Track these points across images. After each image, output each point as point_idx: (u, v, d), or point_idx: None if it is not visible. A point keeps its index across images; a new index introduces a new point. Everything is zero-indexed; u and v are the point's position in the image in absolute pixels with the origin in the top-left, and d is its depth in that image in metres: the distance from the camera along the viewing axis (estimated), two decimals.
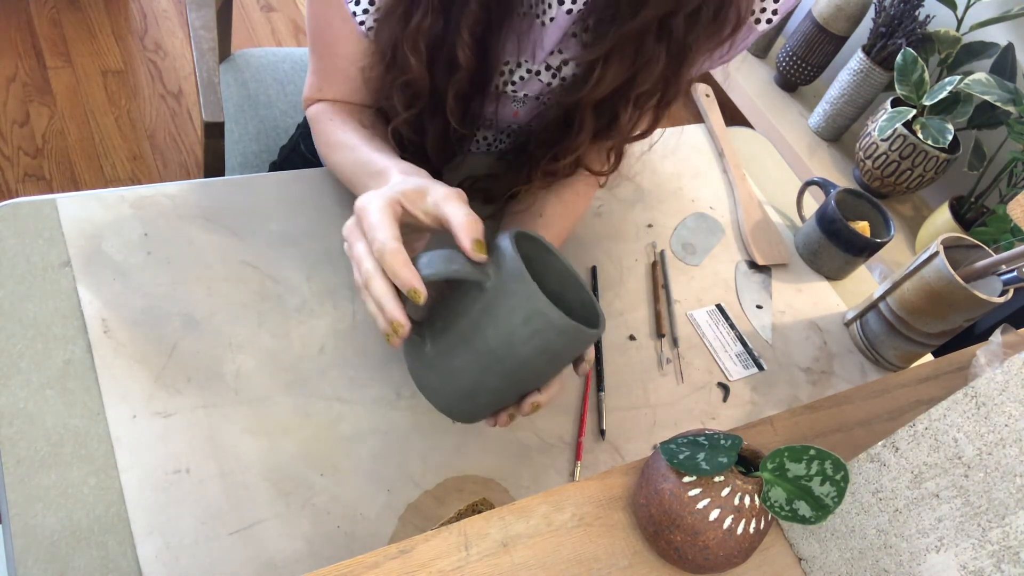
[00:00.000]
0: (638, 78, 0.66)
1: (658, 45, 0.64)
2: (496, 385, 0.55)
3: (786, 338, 0.86)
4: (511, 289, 0.51)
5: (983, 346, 0.70)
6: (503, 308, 0.51)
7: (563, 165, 0.72)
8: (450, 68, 0.66)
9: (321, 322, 0.68)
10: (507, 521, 0.50)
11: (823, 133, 1.86)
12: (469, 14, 0.62)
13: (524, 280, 0.50)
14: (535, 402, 0.58)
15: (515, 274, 0.51)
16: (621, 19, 0.62)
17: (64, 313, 0.62)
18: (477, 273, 0.51)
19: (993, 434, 0.43)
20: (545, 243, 0.59)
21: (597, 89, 0.66)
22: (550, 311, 0.51)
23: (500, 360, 0.53)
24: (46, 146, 1.63)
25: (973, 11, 1.61)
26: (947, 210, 1.59)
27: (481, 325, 0.52)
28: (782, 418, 0.62)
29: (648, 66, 0.65)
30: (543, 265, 0.60)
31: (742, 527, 0.47)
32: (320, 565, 0.55)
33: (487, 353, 0.53)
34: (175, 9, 2.00)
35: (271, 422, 0.62)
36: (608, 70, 0.65)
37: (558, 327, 0.51)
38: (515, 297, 0.51)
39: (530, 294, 0.50)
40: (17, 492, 0.53)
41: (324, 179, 0.78)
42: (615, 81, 0.65)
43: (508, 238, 0.53)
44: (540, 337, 0.52)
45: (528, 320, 0.51)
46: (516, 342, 0.52)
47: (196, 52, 0.96)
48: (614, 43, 0.63)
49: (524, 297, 0.50)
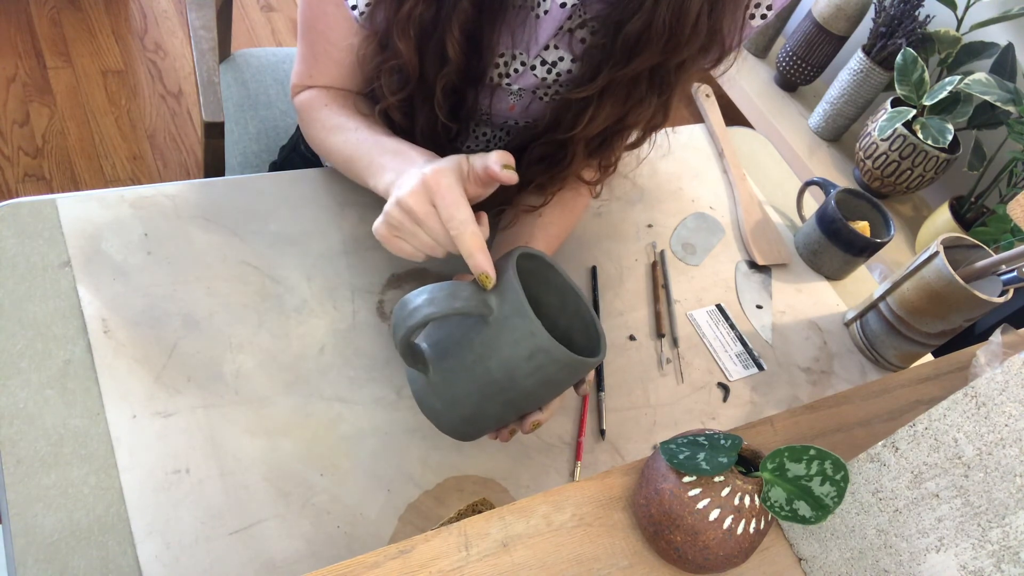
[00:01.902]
0: (629, 117, 0.69)
1: (650, 89, 0.67)
2: (497, 412, 0.56)
3: (786, 338, 0.86)
4: (514, 324, 0.51)
5: (983, 346, 0.70)
6: (506, 342, 0.51)
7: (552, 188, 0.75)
8: (440, 61, 0.66)
9: (321, 322, 0.68)
10: (507, 521, 0.50)
11: (823, 133, 1.86)
12: (460, 11, 0.63)
13: (527, 316, 0.50)
14: (536, 421, 0.59)
15: (518, 309, 0.51)
16: (614, 63, 0.64)
17: (64, 313, 0.62)
18: (481, 307, 0.51)
19: (993, 434, 0.43)
20: (547, 260, 0.60)
21: (590, 127, 0.68)
22: (553, 348, 0.51)
23: (503, 390, 0.54)
24: (46, 146, 1.63)
25: (973, 11, 1.61)
26: (947, 210, 1.59)
27: (484, 357, 0.53)
28: (782, 418, 0.62)
29: (639, 106, 0.68)
30: (543, 281, 0.60)
31: (742, 527, 0.47)
32: (320, 565, 0.55)
33: (490, 384, 0.53)
34: (175, 9, 2.00)
35: (271, 422, 0.62)
36: (601, 110, 0.67)
37: (561, 362, 0.52)
38: (518, 332, 0.51)
39: (533, 330, 0.50)
40: (17, 492, 0.53)
41: (324, 179, 0.78)
42: (608, 120, 0.68)
43: (511, 267, 0.52)
44: (543, 371, 0.52)
45: (531, 356, 0.51)
46: (519, 376, 0.52)
47: (196, 52, 0.96)
48: (606, 84, 0.65)
49: (527, 333, 0.51)
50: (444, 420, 0.57)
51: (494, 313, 0.52)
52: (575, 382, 0.59)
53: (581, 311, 0.59)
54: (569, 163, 0.72)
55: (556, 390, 0.56)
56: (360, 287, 0.72)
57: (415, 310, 0.51)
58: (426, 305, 0.51)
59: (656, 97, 0.68)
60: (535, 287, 0.59)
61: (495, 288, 0.52)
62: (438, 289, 0.52)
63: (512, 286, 0.51)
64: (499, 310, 0.51)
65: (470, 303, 0.51)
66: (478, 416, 0.56)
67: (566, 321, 0.60)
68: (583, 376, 0.59)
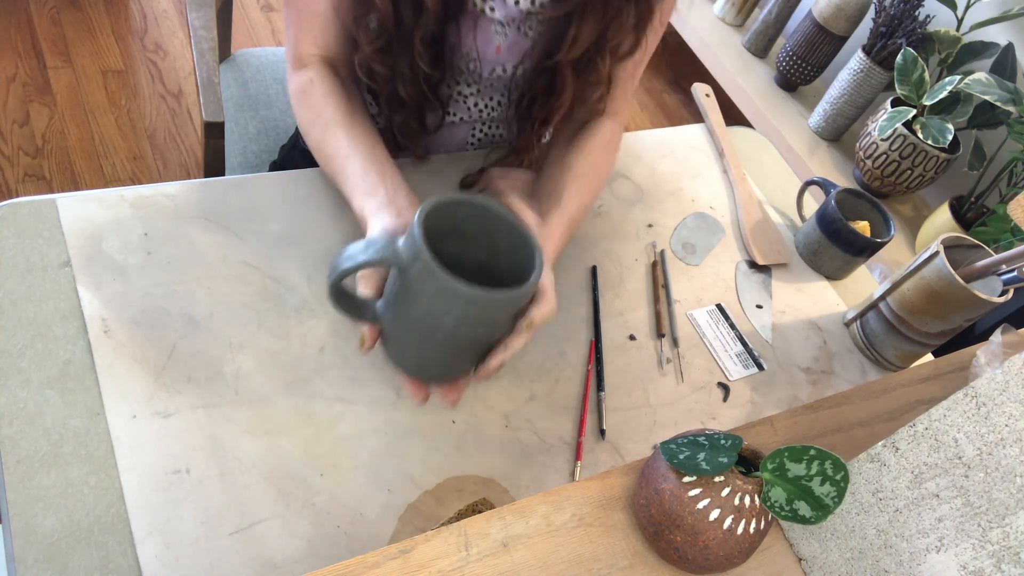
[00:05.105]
0: (609, 33, 0.71)
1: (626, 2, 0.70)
2: (437, 352, 0.57)
3: (786, 338, 0.86)
4: (416, 268, 0.52)
5: (983, 346, 0.70)
6: (415, 287, 0.53)
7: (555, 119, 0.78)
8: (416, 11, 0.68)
9: (321, 322, 0.68)
10: (507, 521, 0.50)
11: (823, 133, 1.86)
12: None
13: (423, 258, 0.51)
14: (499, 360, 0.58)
15: (417, 252, 0.51)
16: None
17: (64, 313, 0.62)
18: (391, 258, 0.53)
19: (993, 434, 0.43)
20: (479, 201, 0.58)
21: (574, 48, 0.71)
22: (451, 285, 0.51)
23: (432, 332, 0.55)
24: (46, 146, 1.63)
25: (973, 11, 1.61)
26: (947, 210, 1.59)
27: (406, 303, 0.55)
28: (782, 418, 0.62)
29: (618, 20, 0.71)
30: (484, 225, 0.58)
31: (742, 527, 0.47)
32: (320, 565, 0.55)
33: (417, 327, 0.55)
34: (175, 9, 2.00)
35: (271, 422, 0.62)
36: (583, 29, 0.70)
37: (467, 297, 0.52)
38: (421, 275, 0.52)
39: (431, 270, 0.51)
40: (17, 492, 0.53)
41: (324, 179, 0.78)
42: (589, 38, 0.71)
43: (418, 215, 0.53)
44: (456, 309, 0.53)
45: (438, 295, 0.52)
46: (436, 316, 0.54)
47: (196, 52, 0.96)
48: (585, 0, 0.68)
49: (427, 274, 0.51)
50: (400, 364, 0.59)
51: (403, 259, 0.53)
52: (510, 316, 0.58)
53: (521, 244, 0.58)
54: (562, 90, 0.74)
55: (488, 326, 0.56)
56: None
57: (334, 267, 0.53)
58: (344, 260, 0.53)
59: (633, 7, 0.71)
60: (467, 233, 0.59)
61: (406, 237, 0.53)
62: (357, 244, 0.53)
63: (413, 232, 0.52)
64: (406, 256, 0.52)
65: (380, 253, 0.52)
66: (422, 359, 0.58)
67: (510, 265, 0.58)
68: (513, 310, 0.57)
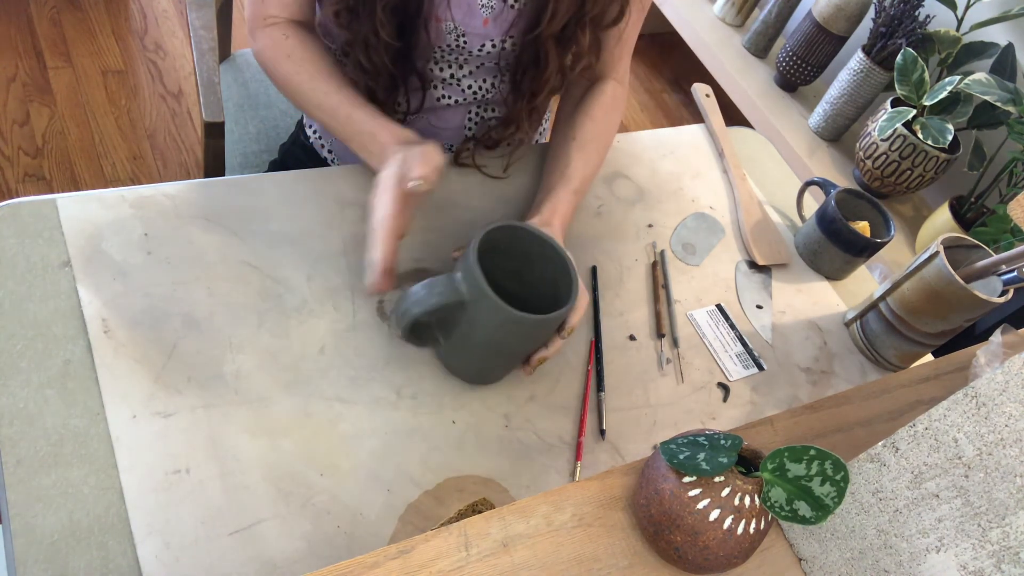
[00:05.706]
0: (587, 4, 0.73)
1: None
2: (496, 363, 0.69)
3: (786, 338, 0.86)
4: (482, 304, 0.61)
5: (983, 346, 0.70)
6: (480, 319, 0.62)
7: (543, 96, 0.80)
8: None
9: (321, 322, 0.68)
10: (507, 521, 0.50)
11: (823, 133, 1.86)
12: None
13: (487, 296, 0.60)
14: (541, 357, 0.68)
15: (481, 291, 0.60)
16: None
17: (64, 313, 0.62)
18: (455, 295, 0.61)
19: (993, 434, 0.43)
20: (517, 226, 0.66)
21: (554, 22, 0.72)
22: (517, 317, 0.61)
23: (495, 351, 0.66)
24: (46, 146, 1.63)
25: (973, 11, 1.61)
26: (947, 210, 1.59)
27: (471, 331, 0.64)
28: (782, 418, 0.62)
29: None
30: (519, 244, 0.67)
31: (742, 527, 0.47)
32: (320, 565, 0.55)
33: (481, 348, 0.66)
34: (175, 9, 2.00)
35: (271, 422, 0.62)
36: (560, 2, 0.71)
37: (528, 323, 0.62)
38: (486, 310, 0.61)
39: (497, 307, 0.60)
40: (17, 492, 0.53)
41: (324, 179, 0.78)
42: (569, 11, 0.72)
43: (472, 252, 0.61)
44: (515, 333, 0.64)
45: (501, 326, 0.62)
46: (498, 339, 0.64)
47: (196, 52, 0.96)
48: None
49: (493, 309, 0.60)
50: (461, 374, 0.69)
51: (466, 297, 0.61)
52: (555, 328, 0.68)
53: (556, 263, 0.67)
54: (546, 66, 0.76)
55: (539, 338, 0.68)
56: (360, 287, 0.71)
57: (404, 312, 0.62)
58: (413, 305, 0.61)
59: None
60: (511, 252, 0.68)
61: (464, 274, 0.61)
62: (421, 288, 0.62)
63: (473, 272, 0.60)
64: (468, 294, 0.61)
65: (445, 295, 0.61)
66: (486, 368, 0.69)
67: (542, 272, 0.68)
68: (558, 324, 0.67)
